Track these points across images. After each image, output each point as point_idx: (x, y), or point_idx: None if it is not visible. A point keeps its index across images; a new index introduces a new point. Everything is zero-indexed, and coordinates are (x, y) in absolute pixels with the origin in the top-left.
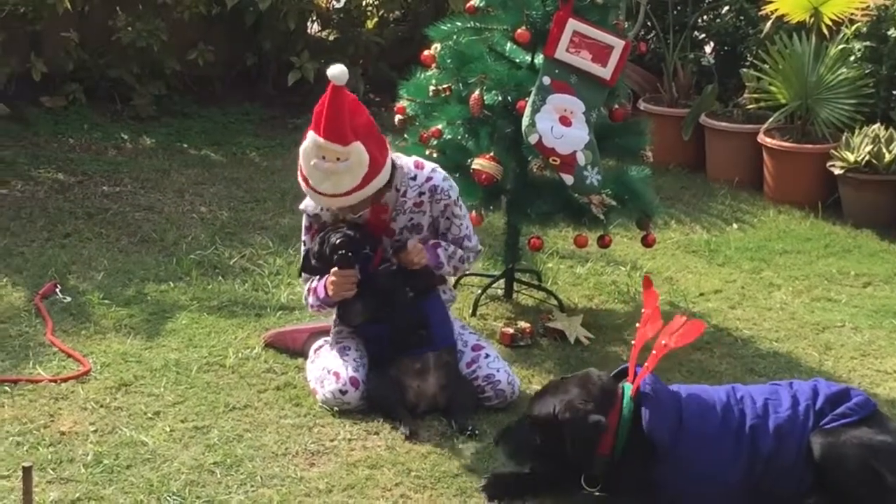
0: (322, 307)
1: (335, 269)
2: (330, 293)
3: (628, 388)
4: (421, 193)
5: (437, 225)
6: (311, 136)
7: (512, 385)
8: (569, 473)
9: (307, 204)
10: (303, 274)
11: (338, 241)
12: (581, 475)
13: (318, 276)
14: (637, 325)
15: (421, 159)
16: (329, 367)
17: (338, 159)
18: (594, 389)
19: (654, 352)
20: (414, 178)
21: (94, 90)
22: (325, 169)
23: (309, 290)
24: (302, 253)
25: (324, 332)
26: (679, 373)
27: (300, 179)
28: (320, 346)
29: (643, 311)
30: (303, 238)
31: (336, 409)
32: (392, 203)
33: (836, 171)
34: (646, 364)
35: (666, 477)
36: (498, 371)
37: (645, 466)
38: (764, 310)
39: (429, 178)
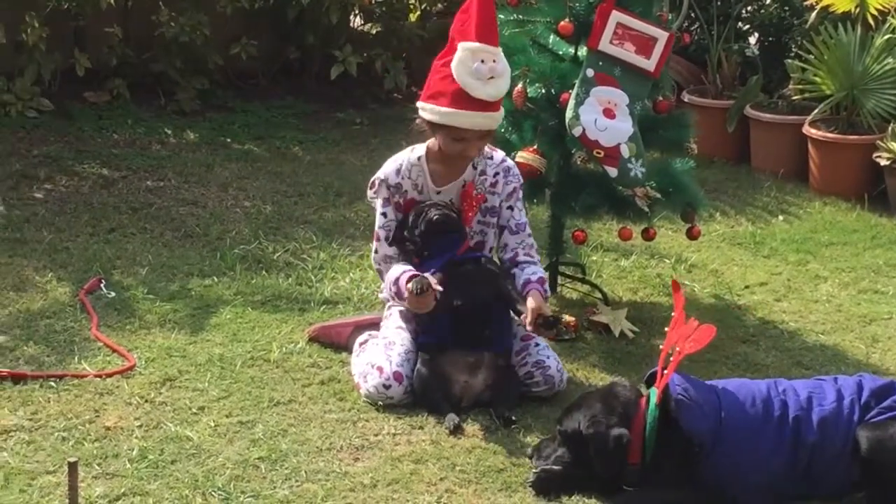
0: (396, 300)
1: (408, 297)
2: (409, 305)
3: (654, 393)
4: (496, 174)
5: (499, 211)
6: (462, 47)
7: (560, 373)
8: (607, 483)
9: (387, 172)
10: (375, 257)
11: (435, 216)
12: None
13: (398, 265)
14: (666, 328)
15: None
16: (373, 362)
17: (494, 61)
18: (616, 402)
19: (671, 358)
20: (491, 158)
21: (138, 85)
22: (487, 70)
23: (388, 281)
24: (378, 227)
25: (368, 325)
26: (725, 366)
27: (441, 111)
28: (365, 341)
29: (673, 314)
30: (381, 210)
31: (379, 403)
32: (474, 182)
33: (883, 162)
34: (667, 370)
35: (711, 471)
36: (548, 358)
37: (682, 467)
38: (810, 302)
39: (504, 160)
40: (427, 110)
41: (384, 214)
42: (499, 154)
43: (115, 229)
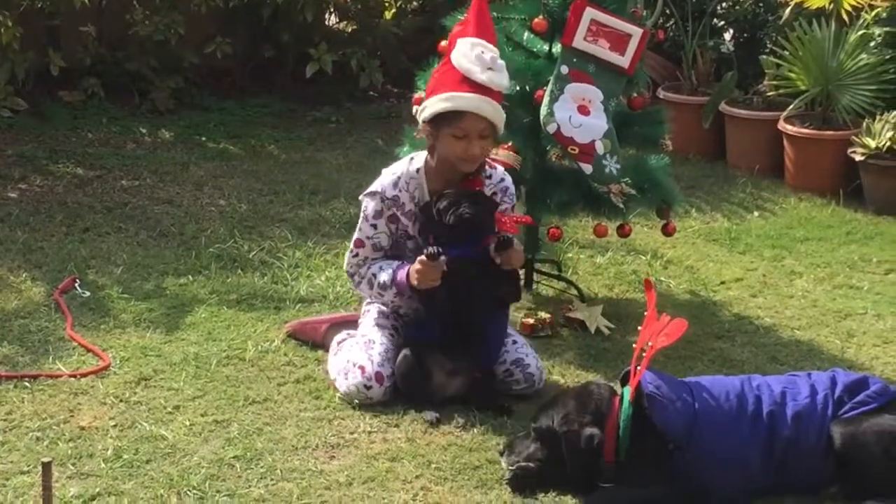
0: (386, 295)
1: (422, 258)
2: (414, 281)
3: (627, 391)
4: (493, 193)
5: None
6: (462, 42)
7: (540, 371)
8: (581, 480)
9: (384, 185)
10: (353, 261)
11: (467, 214)
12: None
13: (377, 264)
14: (640, 326)
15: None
16: (354, 361)
17: (494, 55)
18: (590, 401)
19: (643, 354)
20: (489, 177)
21: (113, 84)
22: (489, 59)
23: (366, 278)
24: (365, 237)
25: (343, 323)
26: (701, 362)
27: (443, 97)
28: (343, 339)
29: (646, 313)
30: (371, 222)
31: (357, 402)
32: None
33: (858, 158)
34: (640, 367)
35: (687, 467)
36: (527, 356)
37: (658, 464)
38: (785, 298)
39: (502, 179)
40: (428, 106)
41: (374, 227)
42: (498, 171)
43: (90, 229)
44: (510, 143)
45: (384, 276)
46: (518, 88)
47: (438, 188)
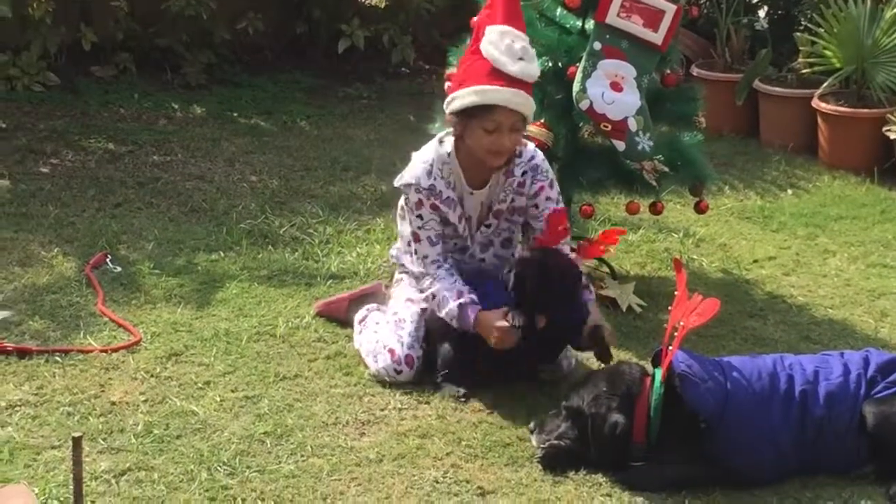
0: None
1: (505, 325)
2: (491, 341)
3: (658, 372)
4: (524, 172)
5: (526, 209)
6: (490, 29)
7: (568, 360)
8: (611, 461)
9: (417, 176)
10: (415, 259)
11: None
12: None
13: (444, 282)
14: (670, 307)
15: None
16: (384, 342)
17: (525, 44)
18: (621, 381)
19: (675, 333)
20: (519, 156)
21: (145, 60)
22: (519, 49)
23: (430, 291)
24: (417, 229)
25: (364, 296)
26: (733, 340)
27: (474, 90)
28: (364, 317)
29: (676, 292)
30: (416, 213)
31: (389, 381)
32: (499, 183)
33: (892, 136)
34: (671, 347)
35: (718, 446)
36: None
37: (689, 443)
38: (819, 276)
39: (532, 157)
40: (457, 98)
41: (420, 216)
42: (528, 149)
43: (121, 204)
44: (542, 120)
45: (451, 306)
46: (550, 65)
47: (473, 176)
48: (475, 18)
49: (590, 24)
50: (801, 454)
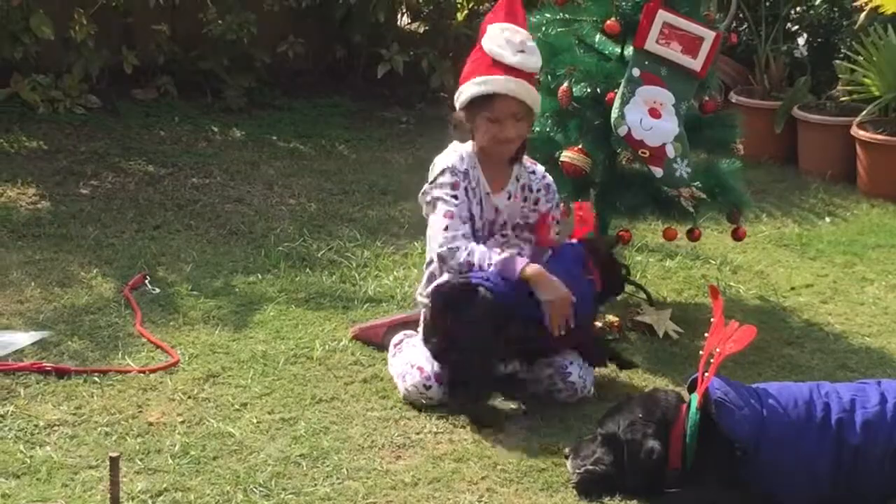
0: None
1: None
2: (547, 298)
3: (695, 398)
4: (539, 189)
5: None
6: (491, 28)
7: (584, 380)
8: (645, 487)
9: (451, 161)
10: (447, 235)
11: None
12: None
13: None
14: (706, 334)
15: None
16: (413, 362)
17: (523, 39)
18: (657, 408)
19: (711, 360)
20: (534, 173)
21: (185, 83)
22: (518, 42)
23: (468, 250)
24: (451, 207)
25: (402, 324)
26: (770, 368)
27: (475, 81)
28: (399, 341)
29: (712, 320)
30: (451, 193)
31: (420, 403)
32: (517, 196)
33: None
34: (707, 374)
35: (753, 473)
36: (570, 364)
37: (724, 470)
38: (856, 304)
39: (545, 176)
40: (462, 92)
41: (456, 196)
42: (539, 168)
43: (161, 226)
44: (580, 146)
45: (496, 258)
46: (589, 91)
47: (491, 177)
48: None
49: (629, 51)
50: (837, 482)
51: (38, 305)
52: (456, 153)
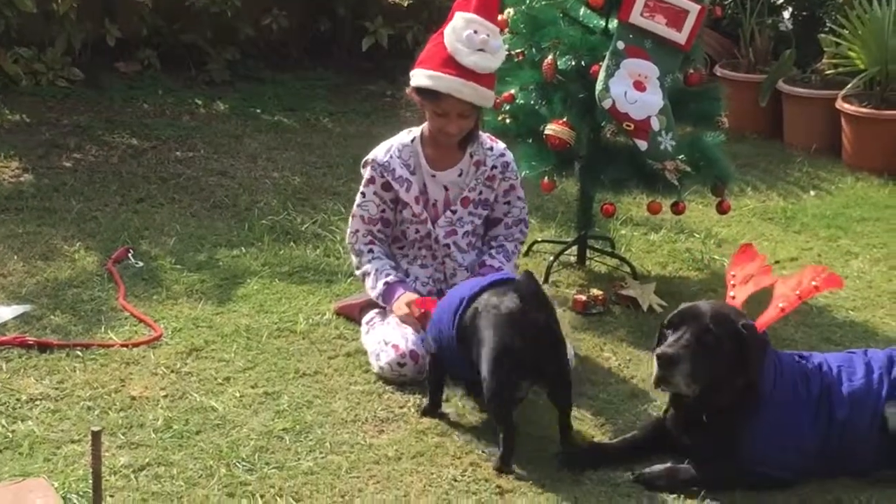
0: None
1: (409, 314)
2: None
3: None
4: (494, 167)
5: (493, 205)
6: (458, 16)
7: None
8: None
9: (375, 153)
10: (349, 233)
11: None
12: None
13: (381, 262)
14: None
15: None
16: (387, 339)
17: (488, 36)
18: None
19: (797, 293)
20: (491, 150)
21: (169, 56)
22: (479, 41)
23: (363, 268)
24: (357, 205)
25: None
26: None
27: (427, 74)
28: (371, 319)
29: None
30: (361, 189)
31: (395, 380)
32: (469, 172)
33: None
34: (783, 305)
35: (750, 437)
36: None
37: (735, 421)
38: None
39: (503, 154)
40: (414, 76)
41: (363, 194)
42: (499, 146)
43: (144, 199)
44: (565, 119)
45: (380, 287)
46: (574, 63)
47: (437, 159)
48: (499, 18)
49: (613, 24)
50: (824, 456)
51: (20, 279)
52: (388, 143)
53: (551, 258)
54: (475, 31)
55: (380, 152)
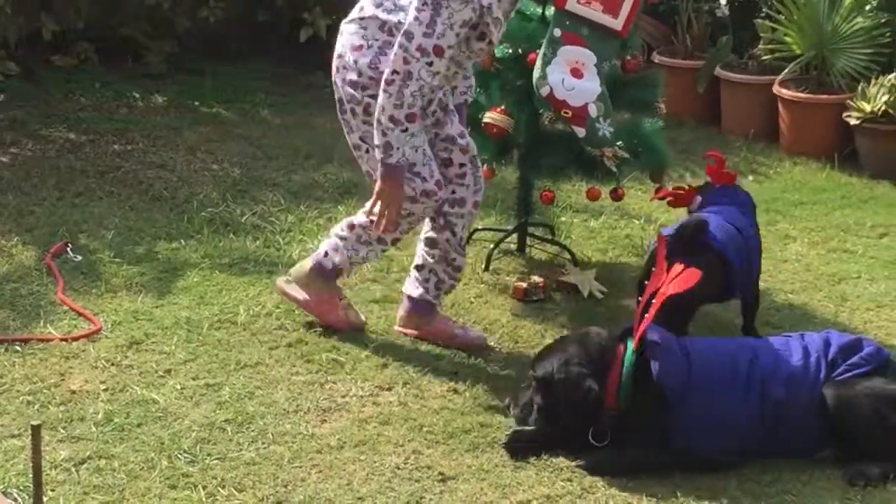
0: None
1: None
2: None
3: (631, 340)
4: None
5: None
6: None
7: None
8: (579, 430)
9: None
10: (429, 70)
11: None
12: (589, 431)
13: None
14: (646, 281)
15: None
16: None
17: None
18: (592, 347)
19: (654, 301)
20: None
21: (106, 49)
22: None
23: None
24: (438, 45)
25: None
26: (693, 325)
27: None
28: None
29: (654, 267)
30: (457, 31)
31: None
32: None
33: (853, 122)
34: (647, 315)
35: (678, 426)
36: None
37: (655, 416)
38: (779, 262)
39: None
40: None
41: (458, 35)
42: None
43: (82, 193)
44: (503, 107)
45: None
46: (511, 51)
47: None
48: None
49: (550, 11)
50: (762, 437)
51: None
52: None
53: (491, 246)
54: None
55: None
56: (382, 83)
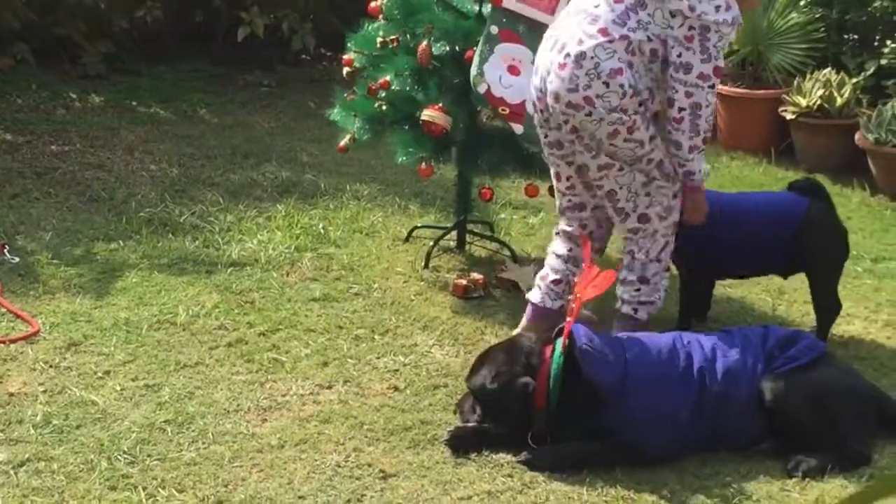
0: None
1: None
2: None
3: (559, 342)
4: None
5: None
6: None
7: None
8: (521, 428)
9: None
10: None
11: None
12: (528, 434)
13: None
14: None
15: None
16: None
17: None
18: (519, 353)
19: (572, 305)
20: None
21: (42, 49)
22: None
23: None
24: (718, 66)
25: None
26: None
27: None
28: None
29: (582, 267)
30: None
31: None
32: None
33: (789, 117)
34: (568, 319)
35: (617, 421)
36: None
37: (588, 414)
38: None
39: None
40: None
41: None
42: None
43: (19, 194)
44: (440, 104)
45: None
46: (448, 49)
47: None
48: (373, 4)
49: (487, 8)
50: (701, 430)
51: None
52: None
53: (431, 243)
54: None
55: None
56: (671, 122)
